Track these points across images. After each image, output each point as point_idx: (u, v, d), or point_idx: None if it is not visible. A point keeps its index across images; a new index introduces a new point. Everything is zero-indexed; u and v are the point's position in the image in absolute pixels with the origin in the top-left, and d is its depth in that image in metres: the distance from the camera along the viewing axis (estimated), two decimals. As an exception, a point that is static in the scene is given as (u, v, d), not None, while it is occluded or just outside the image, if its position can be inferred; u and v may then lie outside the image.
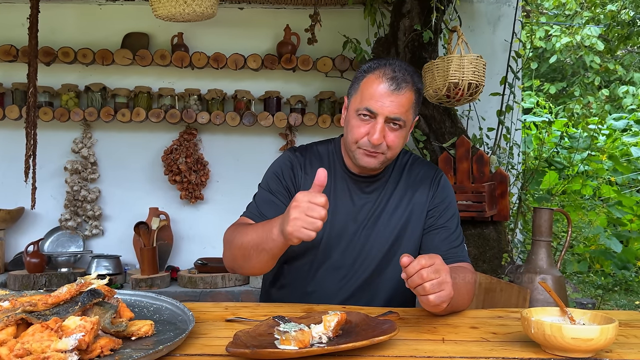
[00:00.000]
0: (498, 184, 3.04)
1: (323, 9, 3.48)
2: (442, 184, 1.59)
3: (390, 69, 1.42)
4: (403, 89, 1.40)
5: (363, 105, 1.42)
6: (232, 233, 1.45)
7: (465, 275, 1.43)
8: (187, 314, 1.16)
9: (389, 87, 1.40)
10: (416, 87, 1.45)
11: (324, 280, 1.54)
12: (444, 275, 1.14)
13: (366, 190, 1.56)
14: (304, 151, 1.62)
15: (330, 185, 1.55)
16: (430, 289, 1.13)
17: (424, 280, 1.13)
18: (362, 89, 1.44)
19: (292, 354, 0.95)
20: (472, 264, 1.70)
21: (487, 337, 1.15)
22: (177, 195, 3.59)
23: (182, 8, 2.51)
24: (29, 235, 3.51)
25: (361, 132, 1.43)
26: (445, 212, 1.56)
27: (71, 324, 0.92)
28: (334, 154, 1.60)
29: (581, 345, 1.00)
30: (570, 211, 5.06)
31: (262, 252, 1.32)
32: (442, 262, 1.16)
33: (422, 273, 1.13)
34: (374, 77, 1.42)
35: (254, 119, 3.47)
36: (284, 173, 1.57)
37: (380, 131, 1.40)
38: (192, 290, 3.21)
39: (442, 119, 3.16)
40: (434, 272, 1.13)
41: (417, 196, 1.56)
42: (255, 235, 1.32)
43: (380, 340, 1.00)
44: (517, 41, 3.41)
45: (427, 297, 1.13)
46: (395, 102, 1.40)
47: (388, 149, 1.44)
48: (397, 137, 1.44)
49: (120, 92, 3.47)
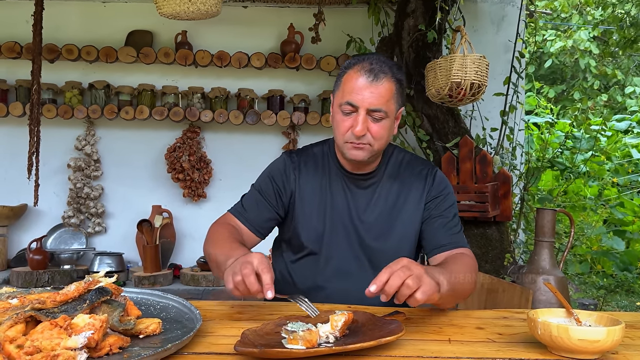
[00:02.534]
0: (501, 184, 3.04)
1: (327, 7, 3.48)
2: (438, 178, 1.61)
3: (368, 62, 1.45)
4: (381, 80, 1.43)
5: (344, 100, 1.45)
6: (213, 233, 1.53)
7: (464, 261, 1.43)
8: (194, 312, 1.16)
9: (367, 79, 1.43)
10: (395, 77, 1.47)
11: (326, 278, 1.56)
12: (416, 270, 1.12)
13: (362, 187, 1.58)
14: (299, 153, 1.66)
15: (327, 184, 1.59)
16: (413, 284, 1.10)
17: (402, 279, 1.10)
18: (343, 85, 1.48)
19: (299, 354, 0.95)
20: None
21: (493, 337, 1.16)
22: (180, 193, 3.60)
23: (187, 6, 2.51)
24: (32, 232, 3.51)
25: (345, 126, 1.47)
26: (442, 202, 1.58)
27: (80, 322, 0.92)
28: (328, 154, 1.63)
29: (588, 346, 1.00)
30: (571, 212, 5.06)
31: (217, 271, 1.40)
32: (409, 260, 1.15)
33: (399, 273, 1.11)
34: (352, 72, 1.46)
35: (257, 118, 3.48)
36: (276, 177, 1.61)
37: (362, 122, 1.43)
38: (195, 288, 3.22)
39: (446, 118, 3.15)
40: (407, 270, 1.12)
41: (413, 192, 1.58)
42: (220, 258, 1.37)
43: (387, 341, 1.00)
44: (520, 41, 3.41)
45: (414, 296, 1.11)
46: (375, 94, 1.43)
47: (374, 140, 1.46)
48: (381, 128, 1.46)
49: (123, 90, 3.48)
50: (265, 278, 1.16)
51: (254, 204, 1.59)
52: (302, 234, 1.58)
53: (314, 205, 1.58)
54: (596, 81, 7.67)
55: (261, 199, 1.59)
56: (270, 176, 1.62)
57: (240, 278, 1.16)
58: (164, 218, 3.45)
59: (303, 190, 1.59)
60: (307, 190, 1.59)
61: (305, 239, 1.57)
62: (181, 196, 3.60)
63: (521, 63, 3.34)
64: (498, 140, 3.30)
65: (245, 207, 1.60)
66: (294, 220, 1.59)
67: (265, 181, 1.62)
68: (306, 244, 1.57)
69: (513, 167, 3.29)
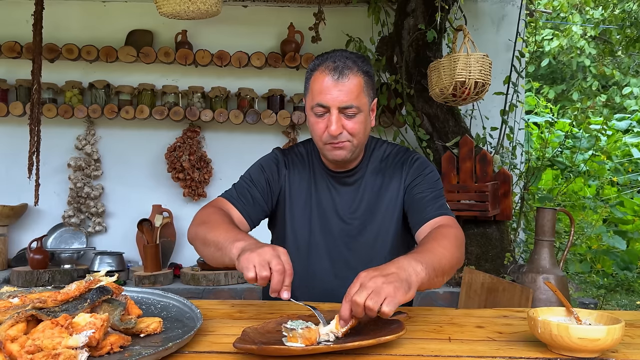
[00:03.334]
0: (501, 184, 3.04)
1: (327, 7, 3.48)
2: (417, 163, 1.59)
3: (331, 60, 1.44)
4: (347, 76, 1.42)
5: (315, 102, 1.45)
6: (207, 216, 1.47)
7: (447, 232, 1.37)
8: (194, 311, 1.16)
9: (332, 78, 1.42)
10: (362, 70, 1.46)
11: (314, 277, 1.57)
12: (372, 282, 1.04)
13: (346, 184, 1.59)
14: (287, 151, 1.67)
15: (311, 183, 1.60)
16: (373, 304, 1.01)
17: (361, 305, 1.02)
18: (311, 87, 1.48)
19: (297, 351, 0.95)
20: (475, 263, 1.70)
21: (493, 336, 1.16)
22: (180, 193, 3.60)
23: (187, 6, 2.51)
24: (33, 232, 3.52)
25: (321, 127, 1.46)
26: (422, 181, 1.55)
27: (81, 321, 0.92)
28: (312, 153, 1.64)
29: (588, 345, 1.00)
30: (571, 211, 5.06)
31: (217, 253, 1.33)
32: (365, 274, 1.08)
33: (355, 299, 1.02)
34: (318, 73, 1.45)
35: (257, 117, 3.48)
36: (267, 168, 1.61)
37: (336, 122, 1.42)
38: (195, 287, 3.22)
39: (446, 118, 3.16)
40: (363, 289, 1.04)
41: (393, 182, 1.58)
42: (221, 239, 1.32)
43: (387, 340, 1.00)
44: (520, 40, 3.41)
45: (382, 311, 1.02)
46: (343, 91, 1.42)
47: (351, 136, 1.46)
48: (356, 123, 1.45)
49: (124, 89, 3.48)
50: (287, 280, 1.15)
51: (246, 191, 1.58)
52: (289, 234, 1.59)
53: (301, 205, 1.59)
54: (595, 82, 7.68)
55: (253, 187, 1.58)
56: (261, 167, 1.62)
57: (267, 273, 1.13)
58: (164, 217, 3.45)
59: (292, 189, 1.60)
60: (294, 189, 1.60)
61: (292, 239, 1.58)
62: (181, 195, 3.60)
63: (521, 62, 3.34)
64: (498, 140, 3.30)
65: (239, 193, 1.58)
66: (282, 218, 1.60)
67: (257, 172, 1.62)
68: (293, 243, 1.58)
69: (513, 166, 3.30)
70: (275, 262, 1.14)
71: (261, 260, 1.15)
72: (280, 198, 1.61)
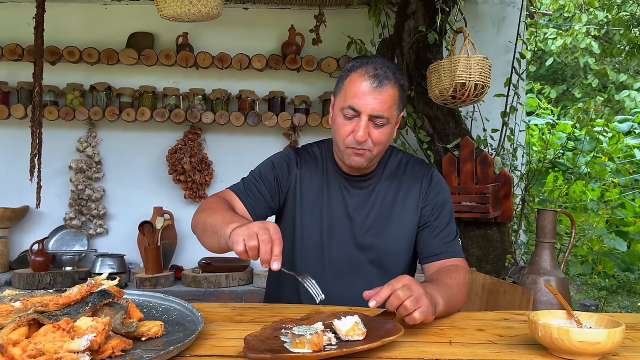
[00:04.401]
0: (502, 185, 3.04)
1: (328, 9, 3.48)
2: (435, 180, 1.61)
3: (372, 66, 1.43)
4: (385, 86, 1.42)
5: (347, 104, 1.43)
6: (209, 204, 1.48)
7: (457, 275, 1.45)
8: (195, 314, 1.16)
9: (371, 85, 1.41)
10: (399, 83, 1.46)
11: (325, 279, 1.55)
12: (416, 290, 1.16)
13: (359, 188, 1.59)
14: (301, 150, 1.66)
15: (323, 184, 1.59)
16: (411, 306, 1.14)
17: (401, 300, 1.14)
18: (345, 88, 1.46)
19: (311, 357, 0.96)
20: (476, 265, 1.71)
21: (494, 339, 1.16)
22: (181, 195, 3.60)
23: (188, 8, 2.52)
24: (34, 234, 3.52)
25: (346, 130, 1.45)
26: (438, 207, 1.58)
27: (83, 325, 0.93)
28: (326, 154, 1.64)
29: (588, 348, 1.00)
30: (572, 213, 5.06)
31: (214, 237, 1.32)
32: (410, 280, 1.19)
33: (398, 293, 1.15)
34: (356, 76, 1.43)
35: (258, 119, 3.48)
36: (278, 165, 1.61)
37: (364, 128, 1.42)
38: (196, 289, 3.22)
39: (446, 120, 3.16)
40: (407, 290, 1.16)
41: (410, 194, 1.58)
42: (218, 222, 1.32)
43: (390, 340, 1.02)
44: (520, 41, 3.41)
45: (412, 315, 1.15)
46: (378, 100, 1.41)
47: (374, 145, 1.46)
48: (382, 134, 1.45)
49: (125, 92, 3.48)
50: (276, 250, 1.14)
51: (253, 186, 1.57)
52: (297, 233, 1.58)
53: (312, 205, 1.58)
54: (595, 79, 7.66)
55: (261, 183, 1.58)
56: (272, 164, 1.61)
57: (255, 243, 1.14)
58: (165, 219, 3.46)
59: (302, 188, 1.59)
60: (305, 189, 1.59)
61: (300, 238, 1.57)
62: (182, 197, 3.60)
63: (521, 64, 3.35)
64: (499, 141, 3.30)
65: (246, 187, 1.57)
66: (290, 217, 1.59)
67: (267, 168, 1.61)
68: (301, 242, 1.57)
69: (514, 168, 3.30)
70: (262, 232, 1.15)
71: (250, 232, 1.15)
72: (289, 196, 1.60)
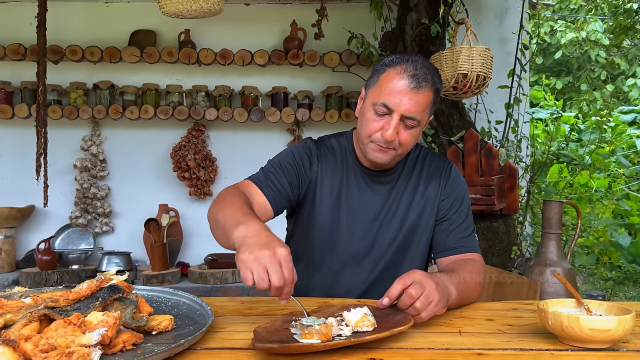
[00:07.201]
0: (507, 177, 3.03)
1: (329, 3, 3.47)
2: (453, 175, 1.60)
3: (412, 66, 1.38)
4: (423, 88, 1.38)
5: (380, 100, 1.40)
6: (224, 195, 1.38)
7: (473, 268, 1.43)
8: (205, 308, 1.17)
9: (408, 85, 1.37)
10: (435, 87, 1.42)
11: (338, 274, 1.55)
12: (428, 285, 1.15)
13: (378, 183, 1.57)
14: (319, 143, 1.62)
15: (343, 179, 1.56)
16: (421, 307, 1.13)
17: (414, 299, 1.13)
18: (381, 83, 1.42)
19: (319, 347, 0.96)
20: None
21: (504, 329, 1.16)
22: (186, 192, 3.61)
23: (190, 5, 2.52)
24: (40, 233, 3.53)
25: (375, 126, 1.42)
26: (456, 202, 1.57)
27: (93, 319, 0.93)
28: (346, 148, 1.60)
29: (599, 336, 1.00)
30: (578, 204, 5.04)
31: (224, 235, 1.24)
32: (421, 274, 1.17)
33: (411, 292, 1.13)
34: (394, 72, 1.39)
35: (261, 115, 3.48)
36: (299, 158, 1.55)
37: (394, 128, 1.39)
38: (203, 285, 3.23)
39: (450, 112, 3.15)
40: (419, 287, 1.14)
41: (429, 189, 1.57)
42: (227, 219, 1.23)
43: (400, 331, 1.02)
44: (522, 31, 3.39)
45: (419, 315, 1.14)
46: (413, 101, 1.38)
47: (400, 146, 1.43)
48: (410, 136, 1.43)
49: (128, 90, 3.49)
50: (287, 289, 1.06)
51: (273, 177, 1.50)
52: (315, 227, 1.55)
53: (332, 201, 1.55)
54: (603, 72, 7.60)
55: (282, 174, 1.50)
56: (293, 156, 1.55)
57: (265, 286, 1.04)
58: (171, 216, 3.46)
59: (323, 184, 1.55)
60: (326, 185, 1.55)
61: (318, 232, 1.55)
62: (187, 194, 3.61)
63: (525, 55, 3.33)
64: (503, 133, 3.29)
65: (267, 178, 1.49)
66: (309, 211, 1.56)
67: (288, 159, 1.54)
68: (319, 236, 1.55)
69: (519, 159, 3.29)
70: (274, 272, 1.03)
71: (259, 269, 1.04)
72: (309, 191, 1.55)
